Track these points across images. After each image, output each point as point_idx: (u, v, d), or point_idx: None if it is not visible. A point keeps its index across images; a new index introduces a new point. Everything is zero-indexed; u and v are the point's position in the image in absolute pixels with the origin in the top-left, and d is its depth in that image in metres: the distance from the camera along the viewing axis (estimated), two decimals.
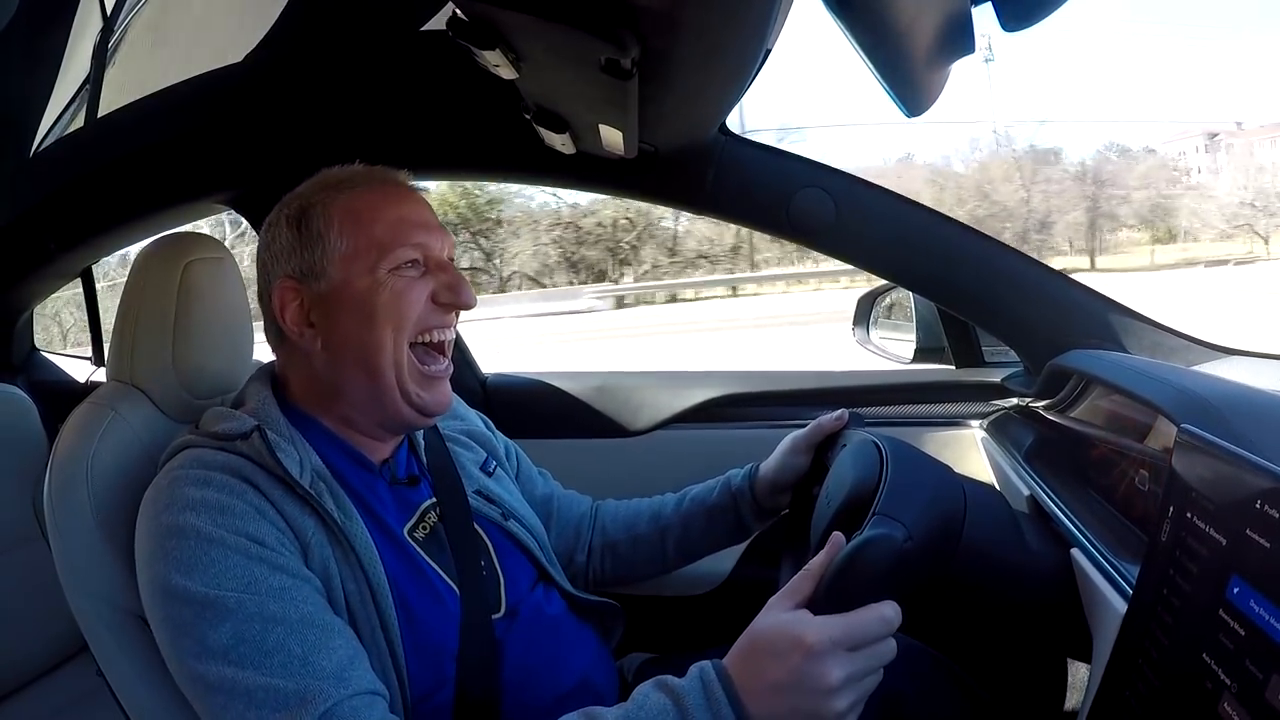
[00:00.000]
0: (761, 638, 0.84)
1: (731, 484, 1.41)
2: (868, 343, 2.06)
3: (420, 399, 1.11)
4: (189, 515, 0.95)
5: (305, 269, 1.09)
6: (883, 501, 0.95)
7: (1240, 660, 0.65)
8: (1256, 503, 0.67)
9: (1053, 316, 1.56)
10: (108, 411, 1.17)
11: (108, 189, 1.80)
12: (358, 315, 1.07)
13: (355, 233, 1.08)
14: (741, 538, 1.44)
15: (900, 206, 1.59)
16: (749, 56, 1.04)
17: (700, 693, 0.83)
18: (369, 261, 1.07)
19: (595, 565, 1.46)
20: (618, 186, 1.66)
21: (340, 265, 1.08)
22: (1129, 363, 1.31)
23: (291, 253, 1.10)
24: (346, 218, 1.09)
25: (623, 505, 1.49)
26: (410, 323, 1.09)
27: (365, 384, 1.09)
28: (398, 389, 1.09)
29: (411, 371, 1.10)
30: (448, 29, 0.99)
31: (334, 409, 1.13)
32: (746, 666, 0.84)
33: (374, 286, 1.07)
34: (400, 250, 1.08)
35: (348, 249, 1.08)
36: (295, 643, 0.90)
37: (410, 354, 1.10)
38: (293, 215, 1.11)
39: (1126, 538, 1.07)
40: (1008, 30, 0.89)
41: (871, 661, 0.82)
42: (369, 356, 1.08)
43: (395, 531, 1.10)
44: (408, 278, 1.09)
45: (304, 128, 1.65)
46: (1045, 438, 1.48)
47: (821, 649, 0.80)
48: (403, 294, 1.08)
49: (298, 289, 1.10)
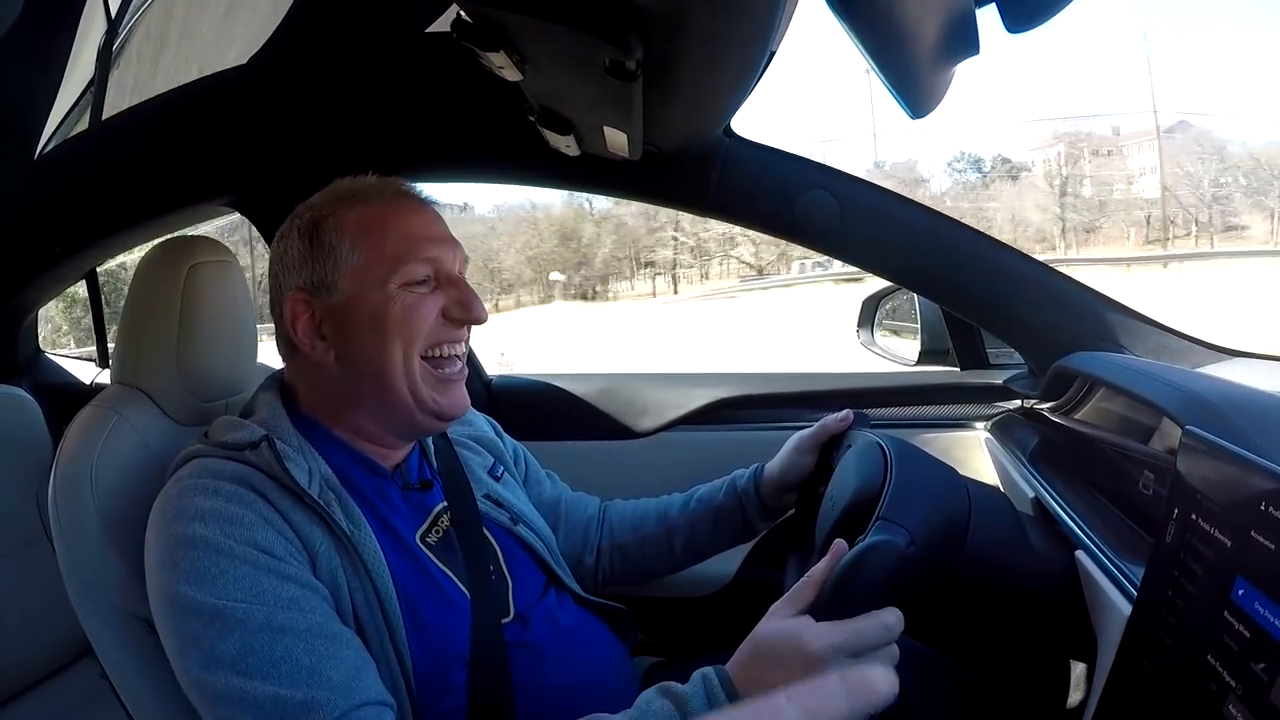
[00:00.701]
0: (764, 644, 0.85)
1: (737, 484, 1.41)
2: (872, 344, 2.06)
3: (437, 404, 1.12)
4: (197, 525, 0.95)
5: (317, 281, 1.09)
6: (886, 506, 0.95)
7: (1245, 662, 0.65)
8: (1261, 504, 0.67)
9: (1057, 318, 1.56)
10: (112, 414, 1.17)
11: (112, 191, 1.80)
12: (369, 329, 1.08)
13: (367, 246, 1.08)
14: (748, 537, 1.44)
15: (904, 209, 1.59)
16: (754, 58, 1.04)
17: (703, 698, 0.83)
18: (380, 275, 1.07)
19: (604, 566, 1.46)
20: (622, 188, 1.66)
21: (352, 279, 1.08)
22: (1133, 365, 1.31)
23: (303, 265, 1.10)
24: (358, 231, 1.09)
25: (630, 506, 1.49)
26: (421, 337, 1.09)
27: (378, 395, 1.10)
28: (412, 399, 1.10)
29: (425, 378, 1.10)
30: (452, 31, 0.99)
31: (345, 418, 1.14)
32: (749, 672, 0.84)
33: (385, 301, 1.07)
34: (412, 265, 1.08)
35: (360, 262, 1.08)
36: (303, 653, 0.91)
37: (422, 363, 1.10)
38: (305, 227, 1.11)
39: (1131, 539, 1.07)
40: (1012, 31, 0.89)
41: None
42: (381, 370, 1.08)
43: (406, 538, 1.11)
44: (419, 293, 1.09)
45: (308, 130, 1.65)
46: (1050, 439, 1.48)
47: (823, 655, 0.80)
48: (414, 309, 1.08)
49: (309, 301, 1.10)
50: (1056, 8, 0.87)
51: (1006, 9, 0.89)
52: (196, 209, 1.93)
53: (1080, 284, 1.57)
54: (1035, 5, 0.88)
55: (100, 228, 1.91)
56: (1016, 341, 1.66)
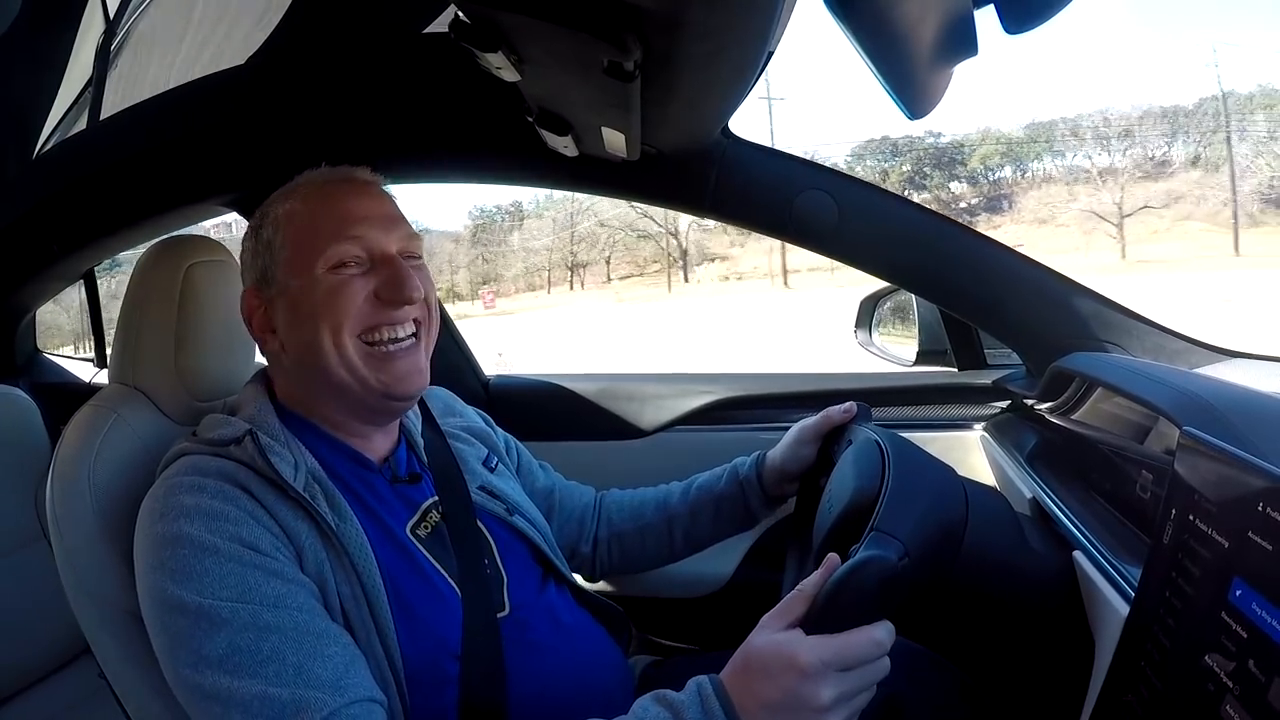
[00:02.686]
0: (755, 657, 0.85)
1: (739, 472, 1.42)
2: (870, 345, 2.06)
3: (381, 382, 1.10)
4: (183, 523, 0.96)
5: (261, 276, 1.12)
6: (881, 516, 0.95)
7: (1243, 663, 0.65)
8: (1259, 505, 0.67)
9: (1055, 319, 1.56)
10: (110, 414, 1.17)
11: (110, 191, 1.80)
12: (298, 317, 1.09)
13: (295, 236, 1.10)
14: (748, 525, 1.44)
15: (902, 209, 1.59)
16: (752, 59, 1.04)
17: (698, 707, 0.83)
18: (306, 261, 1.08)
19: (602, 555, 1.46)
20: (620, 189, 1.66)
21: (284, 269, 1.10)
22: (1131, 365, 1.31)
23: (253, 262, 1.13)
24: (289, 222, 1.11)
25: (627, 495, 1.50)
26: (349, 319, 1.08)
27: (323, 381, 1.10)
28: (354, 381, 1.09)
29: (364, 359, 1.09)
30: (450, 31, 0.99)
31: (316, 409, 1.15)
32: (740, 684, 0.84)
33: (309, 286, 1.08)
34: (336, 246, 1.08)
35: (289, 253, 1.10)
36: (291, 651, 0.91)
37: (359, 345, 1.09)
38: (254, 225, 1.14)
39: (1128, 540, 1.07)
40: (1010, 33, 0.88)
41: (863, 680, 0.83)
42: (315, 356, 1.08)
43: (395, 530, 1.11)
44: (346, 275, 1.08)
45: (307, 130, 1.65)
46: (1047, 440, 1.48)
47: (813, 670, 0.80)
48: (338, 291, 1.07)
49: (259, 296, 1.12)
50: (1055, 8, 0.87)
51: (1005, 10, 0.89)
52: (195, 209, 1.93)
53: (1078, 284, 1.57)
54: (1034, 6, 0.88)
55: (98, 227, 1.91)
56: (1014, 342, 1.66)
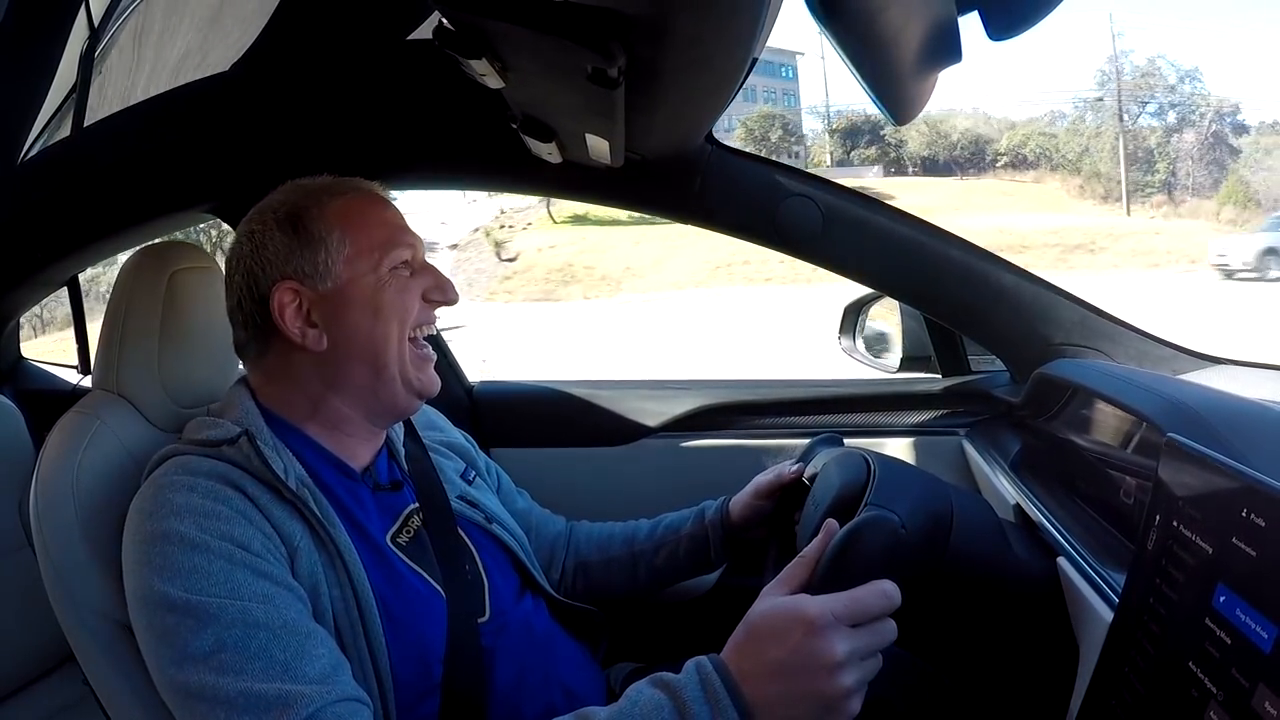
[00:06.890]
0: (761, 622, 0.83)
1: (705, 514, 1.43)
2: (854, 351, 2.06)
3: (420, 382, 1.16)
4: (173, 521, 0.95)
5: (309, 270, 1.11)
6: (873, 494, 0.95)
7: (1226, 668, 0.65)
8: (1242, 511, 0.67)
9: (1038, 325, 1.57)
10: (93, 420, 1.17)
11: (95, 197, 1.79)
12: (366, 312, 1.11)
13: (356, 234, 1.12)
14: (710, 568, 1.46)
15: (886, 216, 1.60)
16: (736, 65, 1.04)
17: (697, 685, 0.81)
18: (372, 261, 1.12)
19: (568, 584, 1.48)
20: (605, 195, 1.67)
21: (345, 265, 1.11)
22: (1115, 371, 1.32)
23: (290, 255, 1.11)
24: (345, 221, 1.13)
25: (597, 527, 1.52)
26: (411, 317, 1.14)
27: (369, 376, 1.13)
28: (399, 378, 1.14)
29: (412, 359, 1.15)
30: (434, 38, 0.99)
31: (319, 413, 1.15)
32: (745, 651, 0.82)
33: (379, 284, 1.12)
34: (397, 250, 1.14)
35: (351, 250, 1.11)
36: (278, 648, 0.90)
37: (407, 344, 1.14)
38: (283, 220, 1.12)
39: (1113, 546, 1.07)
40: (995, 39, 0.89)
41: (874, 639, 0.81)
42: (377, 350, 1.12)
43: (376, 539, 1.11)
44: (403, 277, 1.14)
45: (290, 136, 1.65)
46: (1031, 446, 1.49)
47: (824, 623, 0.79)
48: (404, 290, 1.14)
49: (298, 290, 1.11)
50: (1040, 15, 0.87)
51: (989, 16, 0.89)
52: (179, 216, 1.92)
53: (1061, 290, 1.57)
54: (1018, 13, 0.88)
55: (82, 234, 1.90)
56: (998, 348, 1.67)
